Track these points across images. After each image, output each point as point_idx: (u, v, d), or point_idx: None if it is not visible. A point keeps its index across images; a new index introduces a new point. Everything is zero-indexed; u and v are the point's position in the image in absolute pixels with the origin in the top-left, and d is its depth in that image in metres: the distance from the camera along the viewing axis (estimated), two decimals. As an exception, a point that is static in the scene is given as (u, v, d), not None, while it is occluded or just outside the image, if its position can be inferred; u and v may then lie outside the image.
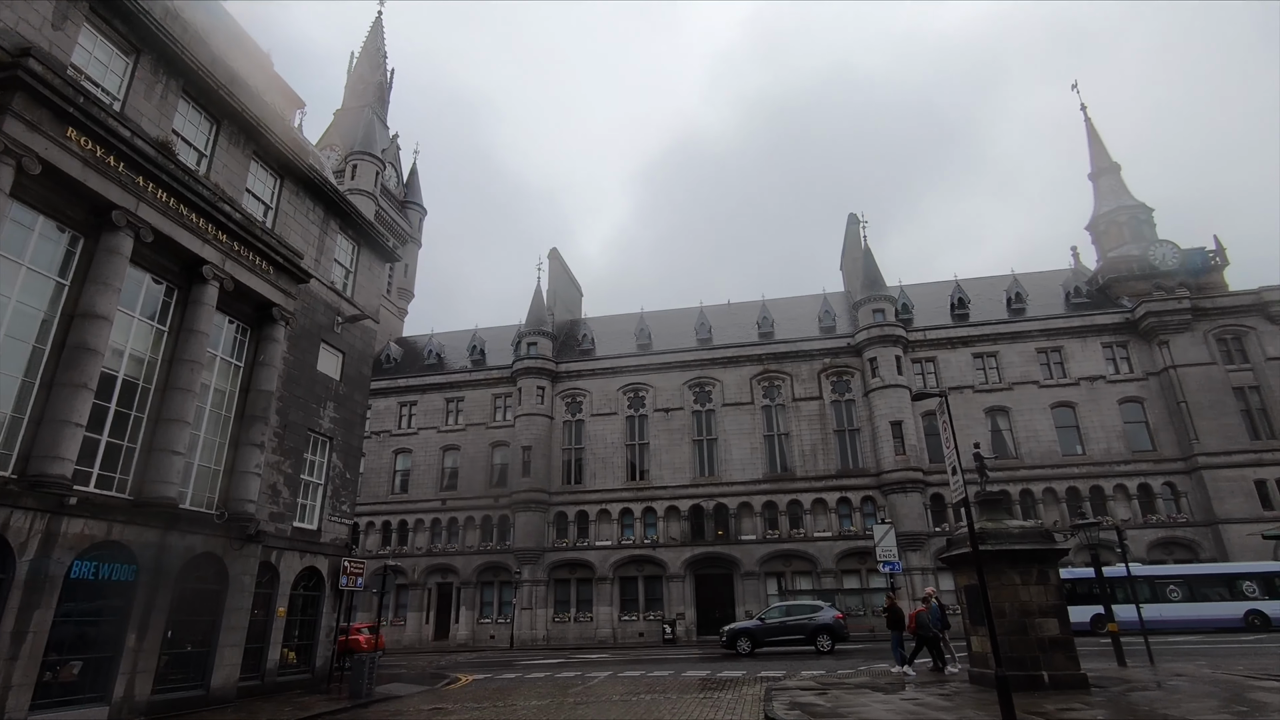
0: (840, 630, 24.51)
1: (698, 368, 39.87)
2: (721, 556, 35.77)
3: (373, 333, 22.77)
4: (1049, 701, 11.53)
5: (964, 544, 13.04)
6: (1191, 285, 37.46)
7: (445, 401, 42.62)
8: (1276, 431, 32.74)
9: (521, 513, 37.54)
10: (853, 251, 43.77)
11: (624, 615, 35.95)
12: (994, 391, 36.30)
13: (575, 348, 43.89)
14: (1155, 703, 11.43)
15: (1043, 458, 34.67)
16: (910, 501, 33.99)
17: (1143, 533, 32.31)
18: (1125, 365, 35.86)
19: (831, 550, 34.65)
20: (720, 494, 36.80)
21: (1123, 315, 36.40)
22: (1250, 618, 26.69)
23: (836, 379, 38.12)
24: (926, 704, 12.30)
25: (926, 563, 33.34)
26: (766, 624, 25.24)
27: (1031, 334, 37.06)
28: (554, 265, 48.39)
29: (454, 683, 18.99)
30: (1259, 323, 34.45)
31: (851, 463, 36.44)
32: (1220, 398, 33.50)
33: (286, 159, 18.24)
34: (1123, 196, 42.43)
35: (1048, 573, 13.65)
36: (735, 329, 42.77)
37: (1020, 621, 13.19)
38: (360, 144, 49.88)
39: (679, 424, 38.88)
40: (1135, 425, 34.85)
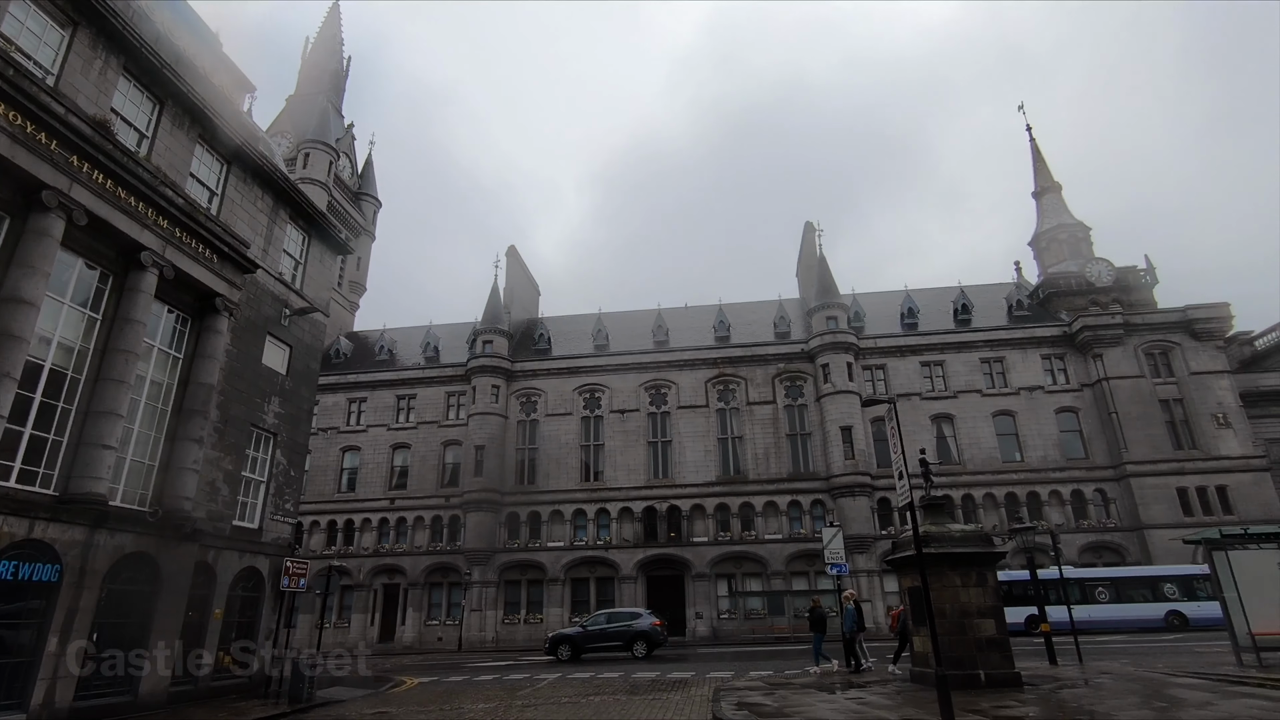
0: (656, 636, 25.10)
1: (654, 370, 40.02)
2: (673, 558, 35.96)
3: (322, 326, 22.15)
4: (985, 699, 11.94)
5: (909, 547, 13.40)
6: (1124, 301, 39.37)
7: (396, 399, 41.73)
8: (1197, 442, 34.67)
9: (473, 513, 37.02)
10: (808, 259, 44.61)
11: (575, 617, 35.75)
12: (940, 399, 37.46)
13: (531, 347, 43.55)
14: (1082, 699, 11.95)
15: (984, 464, 35.93)
16: (858, 505, 34.78)
17: (1075, 537, 33.77)
18: (1062, 376, 37.46)
19: (782, 552, 35.19)
20: (674, 496, 36.98)
21: (1061, 328, 38.01)
22: (1170, 618, 28.20)
23: (790, 384, 38.76)
24: (870, 703, 12.59)
25: (873, 565, 34.16)
26: (589, 631, 25.70)
27: (976, 345, 38.39)
28: (512, 263, 47.92)
29: (399, 686, 18.59)
30: (1184, 339, 36.43)
31: (803, 466, 37.09)
32: (1147, 409, 35.30)
33: (234, 144, 17.59)
34: (1063, 215, 44.34)
35: (986, 575, 14.13)
36: (692, 332, 43.07)
37: (960, 622, 13.61)
38: (314, 132, 48.50)
39: (634, 425, 38.94)
40: (1070, 434, 36.43)
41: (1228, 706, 10.70)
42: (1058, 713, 10.88)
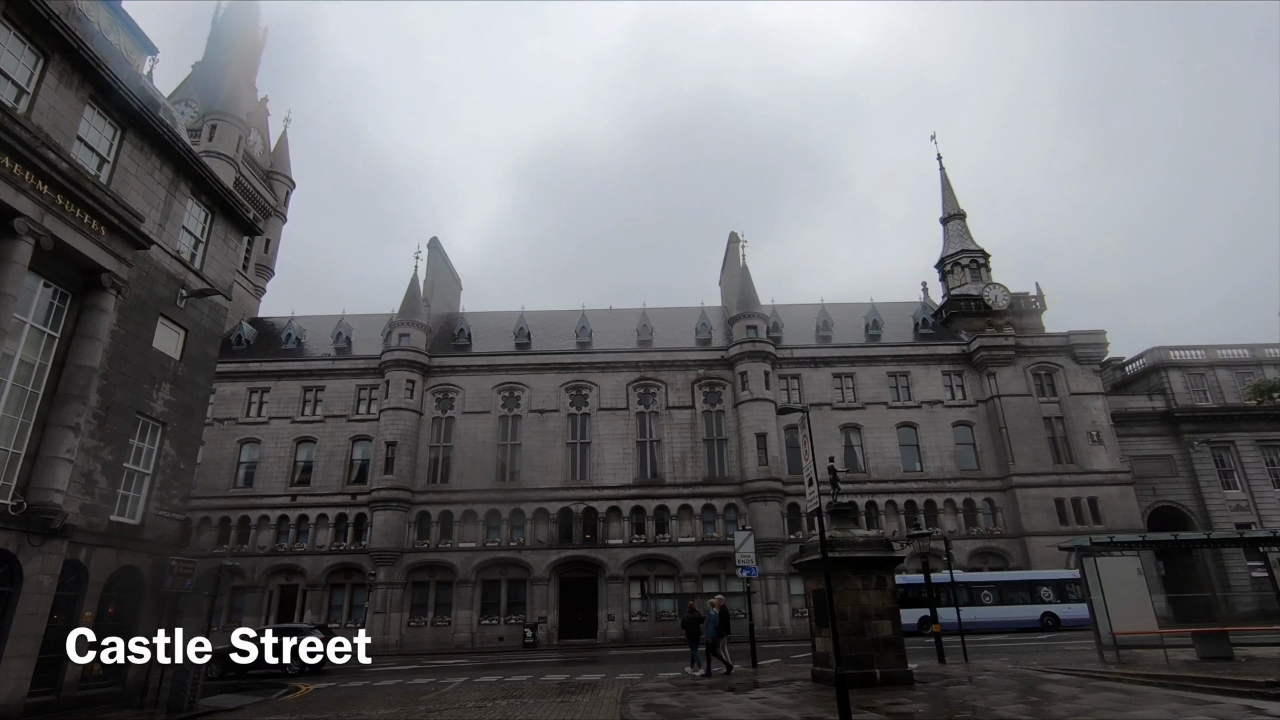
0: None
1: (576, 370, 39.85)
2: (588, 560, 35.87)
3: (223, 310, 20.80)
4: (880, 697, 12.53)
5: (816, 551, 13.90)
6: (1017, 325, 42.40)
7: (303, 390, 39.66)
8: (1074, 457, 37.74)
9: (381, 511, 35.65)
10: (732, 269, 45.62)
11: (484, 619, 35.08)
12: (849, 410, 39.12)
13: (451, 342, 42.44)
14: (966, 695, 12.75)
15: (887, 472, 37.78)
16: (769, 510, 35.80)
17: (965, 543, 36.02)
18: (960, 392, 39.94)
19: (694, 555, 35.75)
20: (591, 498, 36.90)
21: (960, 348, 40.52)
22: (1045, 619, 30.58)
23: (709, 390, 39.50)
24: (773, 702, 12.97)
25: (780, 568, 35.23)
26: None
27: (884, 359, 40.37)
28: (434, 256, 46.60)
29: (293, 692, 17.66)
30: (1066, 361, 39.61)
31: (718, 471, 37.84)
32: (1032, 426, 38.15)
33: (131, 108, 16.27)
34: (966, 241, 47.30)
35: (885, 578, 14.85)
36: (615, 335, 43.17)
37: (860, 623, 14.24)
38: (222, 103, 45.53)
39: (554, 426, 38.62)
40: (965, 446, 38.87)
41: (1091, 699, 11.67)
42: (944, 708, 11.56)
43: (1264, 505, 38.08)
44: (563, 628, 35.06)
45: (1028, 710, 10.96)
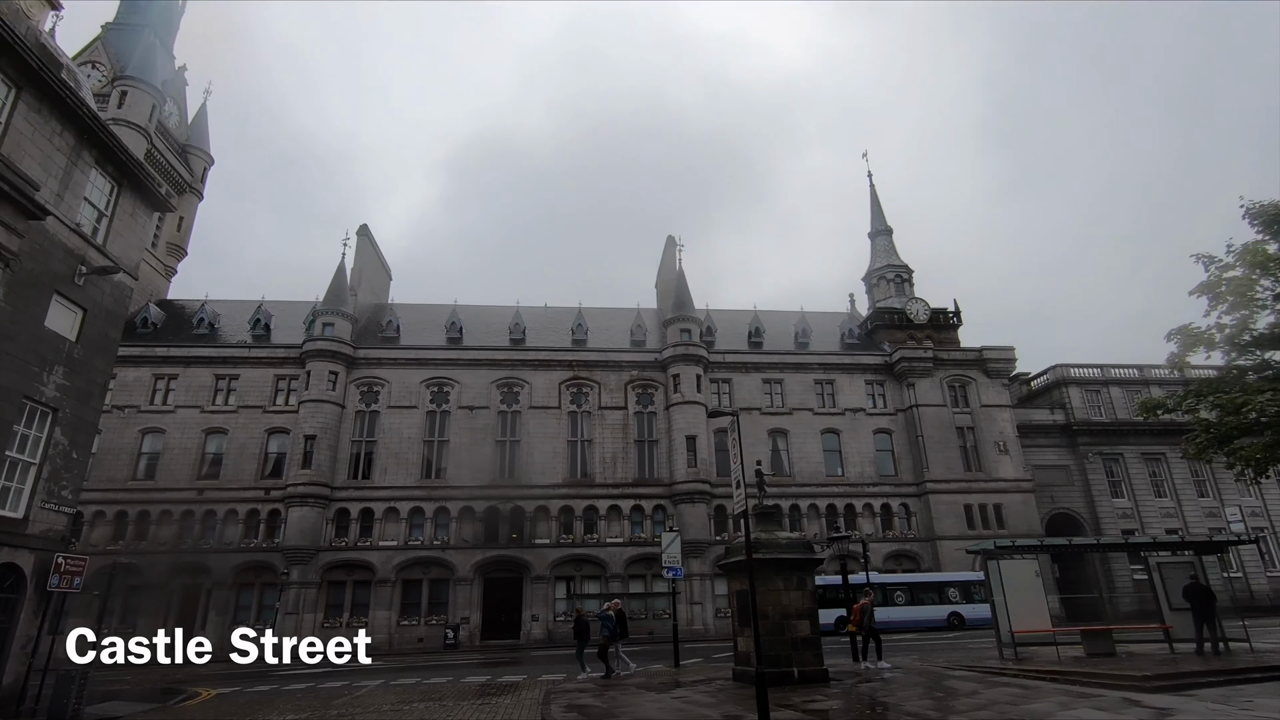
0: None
1: (508, 367, 39.28)
2: (514, 560, 35.38)
3: (128, 290, 19.41)
4: (797, 695, 12.88)
5: (741, 552, 14.18)
6: (935, 339, 44.53)
7: (215, 378, 37.49)
8: (982, 465, 39.93)
9: (297, 508, 34.09)
10: (667, 272, 46.01)
11: (404, 620, 34.06)
12: (777, 415, 40.13)
13: (378, 334, 41.05)
14: (877, 692, 13.26)
15: (811, 476, 38.94)
16: (697, 511, 36.28)
17: (881, 545, 37.52)
18: (881, 401, 41.61)
19: (622, 555, 35.82)
20: (519, 497, 36.43)
21: (882, 358, 42.23)
22: (951, 618, 32.23)
23: (642, 391, 39.70)
24: (693, 701, 13.13)
25: (706, 569, 35.74)
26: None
27: (812, 367, 41.62)
28: (363, 243, 44.97)
29: (192, 698, 16.66)
30: (978, 375, 41.88)
31: (648, 472, 38.07)
32: (946, 435, 40.15)
33: (27, 65, 14.96)
34: (892, 256, 49.35)
35: (806, 579, 15.30)
36: (550, 333, 42.80)
37: (780, 623, 14.60)
38: (135, 68, 42.51)
39: (483, 423, 37.93)
40: (884, 453, 40.52)
41: (990, 694, 12.36)
42: (857, 705, 12.00)
43: (1146, 513, 41.37)
44: (486, 629, 34.46)
45: (933, 706, 11.50)
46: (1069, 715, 10.25)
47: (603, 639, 17.22)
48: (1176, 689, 12.17)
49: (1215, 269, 15.45)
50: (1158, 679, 12.62)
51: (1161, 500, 42.20)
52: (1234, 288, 15.08)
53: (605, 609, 18.03)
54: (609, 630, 17.12)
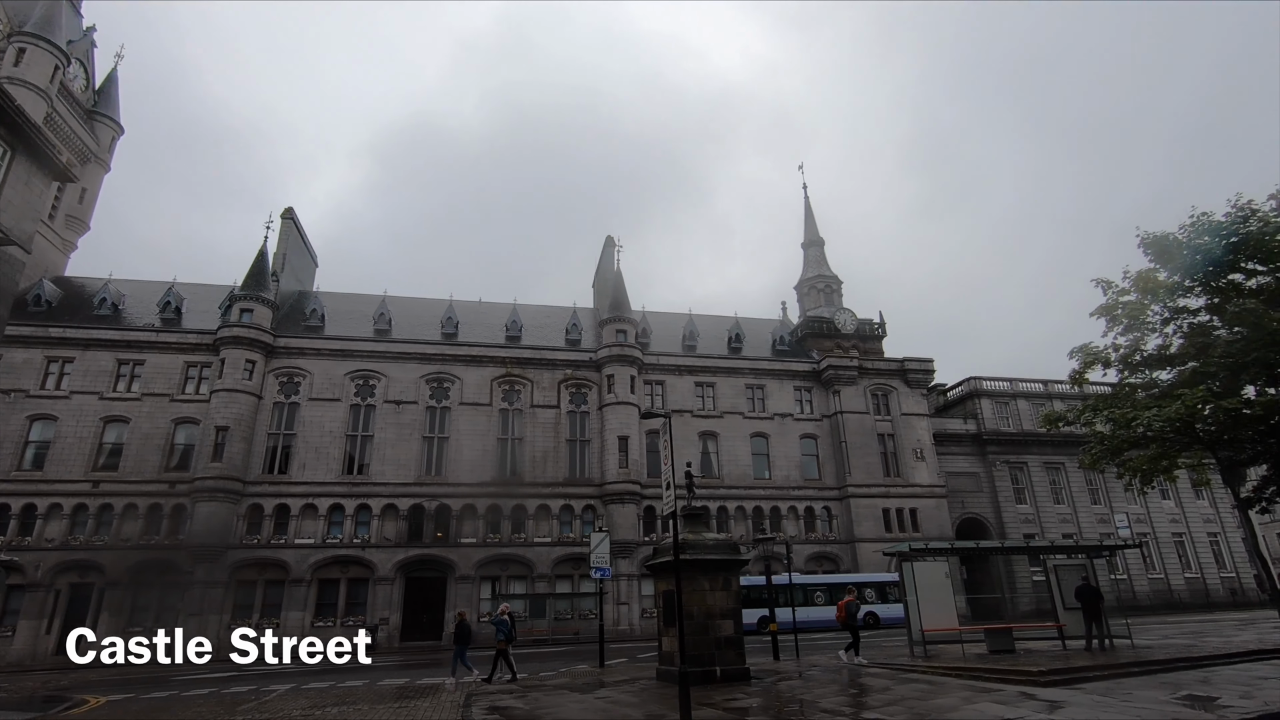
0: None
1: (439, 362, 38.34)
2: (437, 559, 34.55)
3: (19, 264, 17.91)
4: (718, 693, 13.11)
5: (669, 553, 14.31)
6: (861, 348, 46.21)
7: (117, 363, 35.00)
8: (900, 471, 41.71)
9: (205, 503, 32.21)
10: (605, 272, 46.03)
11: (319, 621, 32.66)
12: (708, 418, 40.74)
13: (301, 322, 39.31)
14: (796, 689, 13.65)
15: (739, 479, 39.70)
16: (626, 512, 36.40)
17: (804, 547, 38.64)
18: (808, 407, 42.86)
19: (550, 555, 35.53)
20: (445, 494, 35.60)
21: (811, 366, 43.53)
22: (867, 618, 33.40)
23: (575, 390, 39.53)
24: (617, 700, 13.17)
25: (633, 569, 35.90)
26: None
27: (743, 371, 42.47)
28: (287, 227, 43.02)
29: (78, 706, 15.49)
30: (899, 384, 43.73)
31: (579, 472, 37.92)
32: (868, 441, 41.74)
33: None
34: (823, 267, 50.95)
35: (731, 580, 15.59)
36: (483, 328, 42.06)
37: (704, 623, 14.83)
38: (35, 24, 39.23)
39: (410, 418, 36.88)
40: (809, 458, 41.75)
41: (901, 690, 12.92)
42: (776, 702, 12.31)
43: (1046, 519, 44.19)
44: (406, 630, 33.51)
45: (848, 702, 11.94)
46: (971, 709, 10.83)
47: (498, 642, 17.08)
48: (1067, 683, 13.05)
49: (1113, 293, 16.66)
50: (1051, 674, 13.49)
51: (1060, 507, 45.16)
52: (1128, 311, 16.31)
53: (499, 613, 17.95)
54: (504, 634, 17.02)
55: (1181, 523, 46.61)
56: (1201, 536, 46.63)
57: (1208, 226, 15.59)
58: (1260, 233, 15.09)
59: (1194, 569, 45.64)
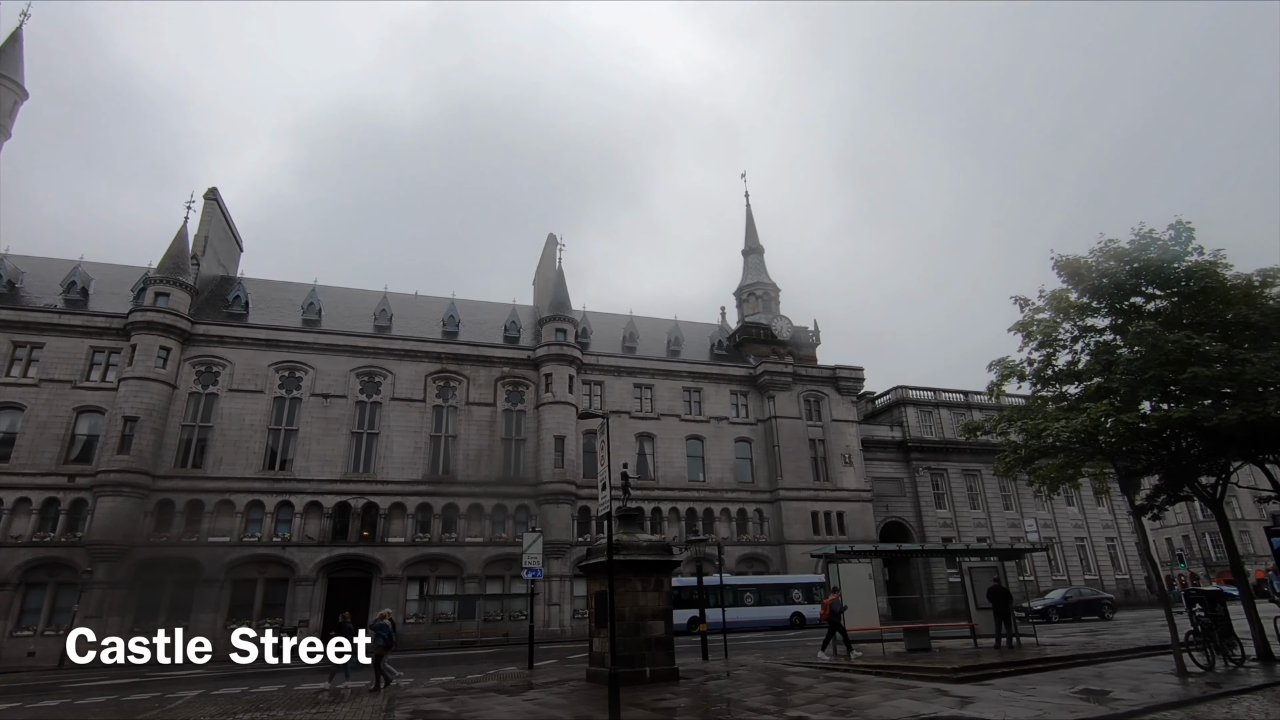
0: None
1: (371, 355, 37.14)
2: (363, 559, 33.44)
3: (-99, 234, 16.33)
4: (647, 694, 13.18)
5: (603, 554, 14.30)
6: (796, 355, 47.39)
7: (12, 345, 32.39)
8: (829, 475, 42.98)
9: (109, 498, 30.16)
10: (546, 270, 45.67)
11: (232, 623, 31.03)
12: (646, 420, 40.94)
13: (223, 309, 37.39)
14: (723, 689, 13.86)
15: (674, 481, 40.05)
16: (561, 512, 36.16)
17: (736, 549, 39.31)
18: (744, 411, 43.65)
19: (481, 556, 34.93)
20: (374, 492, 34.50)
21: (748, 370, 44.36)
22: (794, 618, 34.35)
23: (512, 388, 39.02)
24: (545, 703, 13.06)
25: (566, 570, 35.70)
26: None
27: (681, 374, 42.89)
28: (211, 208, 40.85)
29: (-47, 718, 14.23)
30: (831, 392, 45.07)
31: (514, 471, 37.42)
32: (800, 445, 42.84)
33: None
34: (762, 274, 52.00)
35: (663, 581, 15.70)
36: (419, 322, 41.04)
37: (636, 624, 14.88)
38: (-70, -26, 35.98)
39: (339, 413, 35.58)
40: (743, 461, 42.52)
41: (824, 688, 13.30)
42: (703, 701, 12.46)
43: (963, 523, 46.38)
44: (327, 632, 32.18)
45: (773, 700, 12.20)
46: (889, 706, 11.25)
47: (376, 648, 16.45)
48: (977, 679, 13.72)
49: (1029, 311, 17.63)
50: (963, 671, 14.16)
51: (976, 512, 47.49)
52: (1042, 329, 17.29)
53: (379, 618, 17.20)
54: (384, 640, 16.45)
55: (1084, 528, 49.76)
56: (1100, 541, 49.91)
57: (1114, 252, 16.71)
58: (1159, 260, 16.29)
59: (1093, 571, 48.79)
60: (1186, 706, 10.60)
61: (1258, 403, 14.40)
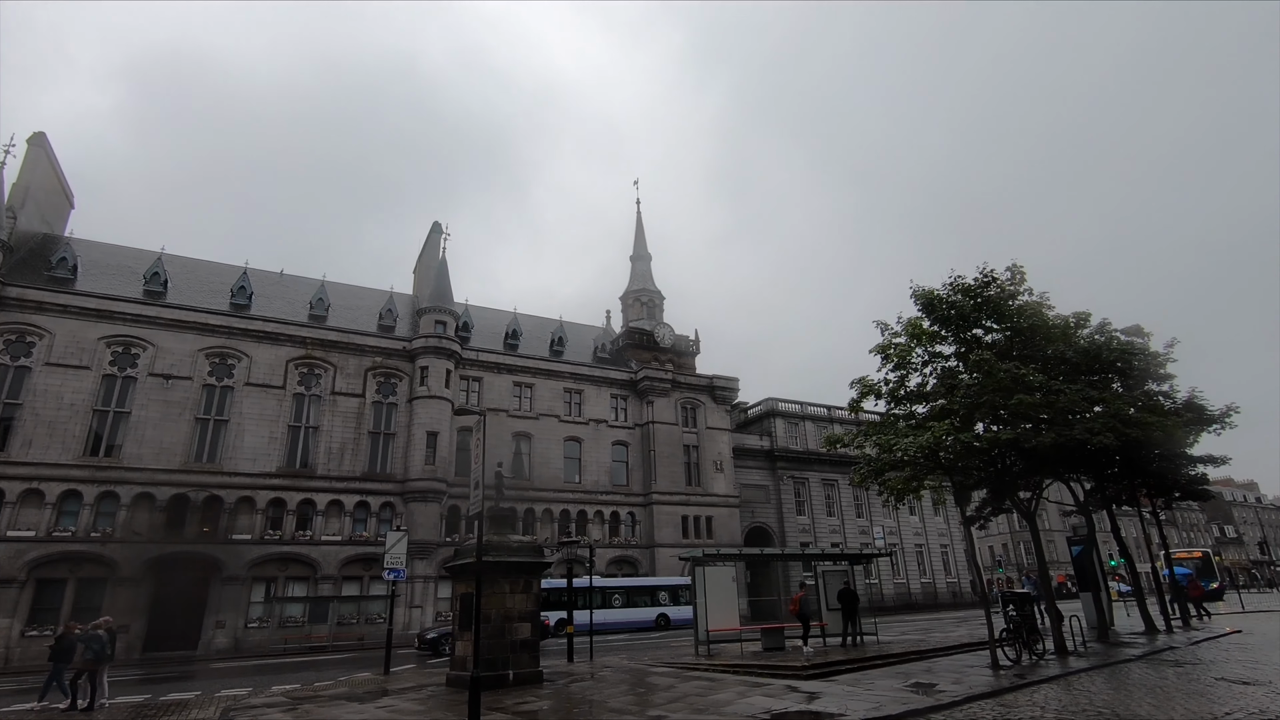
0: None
1: (225, 335, 34.00)
2: (201, 557, 30.42)
3: None
4: (510, 697, 12.97)
5: (471, 554, 13.91)
6: (676, 363, 48.60)
7: None
8: (701, 481, 44.39)
9: (-125, 482, 25.53)
10: (429, 259, 43.95)
11: (32, 628, 27.24)
12: (524, 419, 40.35)
13: (44, 271, 32.83)
14: (587, 690, 13.90)
15: (549, 482, 39.75)
16: (429, 511, 34.82)
17: (607, 551, 39.60)
18: (623, 415, 44.15)
19: (338, 555, 32.89)
20: (219, 485, 31.54)
21: (629, 375, 44.93)
22: (660, 619, 35.07)
23: (384, 380, 37.12)
24: (401, 710, 12.51)
25: (431, 571, 34.39)
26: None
27: (564, 375, 42.71)
28: (36, 155, 35.90)
29: None
30: (707, 400, 46.60)
31: (380, 466, 35.59)
32: (674, 451, 43.94)
33: None
34: (648, 281, 52.93)
35: (533, 583, 15.53)
36: (284, 303, 38.12)
37: (502, 626, 14.61)
38: None
39: (182, 396, 32.24)
40: (619, 464, 42.98)
41: (684, 688, 13.67)
42: (566, 703, 12.44)
43: (820, 529, 49.46)
44: (151, 638, 29.01)
45: (635, 701, 12.39)
46: (744, 703, 11.76)
47: (85, 662, 14.48)
48: (824, 676, 14.66)
49: (888, 335, 19.19)
50: (812, 668, 15.07)
51: (831, 519, 50.81)
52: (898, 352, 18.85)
53: (93, 627, 15.37)
54: (94, 653, 14.51)
55: (923, 535, 54.58)
56: (935, 547, 54.97)
57: (961, 287, 18.61)
58: (998, 297, 18.34)
59: (928, 575, 53.62)
60: (998, 696, 11.89)
61: (1067, 428, 16.52)
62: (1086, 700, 11.23)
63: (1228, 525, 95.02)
